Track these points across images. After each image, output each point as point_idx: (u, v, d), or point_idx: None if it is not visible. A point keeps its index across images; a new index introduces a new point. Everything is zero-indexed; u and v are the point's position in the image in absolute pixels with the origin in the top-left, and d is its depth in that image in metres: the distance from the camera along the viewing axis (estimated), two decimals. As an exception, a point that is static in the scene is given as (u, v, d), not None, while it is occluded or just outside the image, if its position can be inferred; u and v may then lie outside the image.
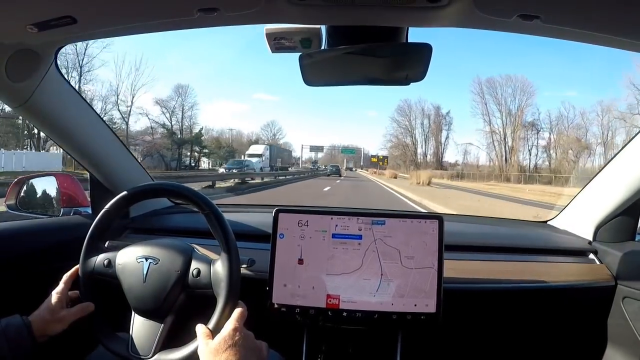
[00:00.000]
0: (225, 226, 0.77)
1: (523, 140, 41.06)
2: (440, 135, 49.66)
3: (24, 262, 0.98)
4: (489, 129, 42.69)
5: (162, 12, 0.68)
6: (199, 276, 0.77)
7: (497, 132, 42.42)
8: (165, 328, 0.78)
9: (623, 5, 0.59)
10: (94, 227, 0.84)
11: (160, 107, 36.76)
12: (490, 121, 43.05)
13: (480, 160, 45.64)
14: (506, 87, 42.91)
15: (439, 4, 0.61)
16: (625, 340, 1.02)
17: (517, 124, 41.29)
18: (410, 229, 0.88)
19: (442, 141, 49.39)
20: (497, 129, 42.57)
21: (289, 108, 76.63)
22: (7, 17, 0.68)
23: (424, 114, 50.56)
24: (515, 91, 41.93)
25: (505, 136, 41.84)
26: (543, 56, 54.46)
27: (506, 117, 41.79)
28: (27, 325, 0.73)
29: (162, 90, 67.43)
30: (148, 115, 34.29)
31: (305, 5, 0.64)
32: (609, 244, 1.13)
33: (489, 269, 1.07)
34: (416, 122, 50.66)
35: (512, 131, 41.09)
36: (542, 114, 42.16)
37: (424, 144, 50.48)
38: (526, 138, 41.08)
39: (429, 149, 50.18)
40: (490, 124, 43.04)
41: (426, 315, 0.86)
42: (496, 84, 43.16)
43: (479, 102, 43.73)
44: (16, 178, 1.29)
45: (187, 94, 38.70)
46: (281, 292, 0.88)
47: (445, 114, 49.86)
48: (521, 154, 41.38)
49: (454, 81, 67.10)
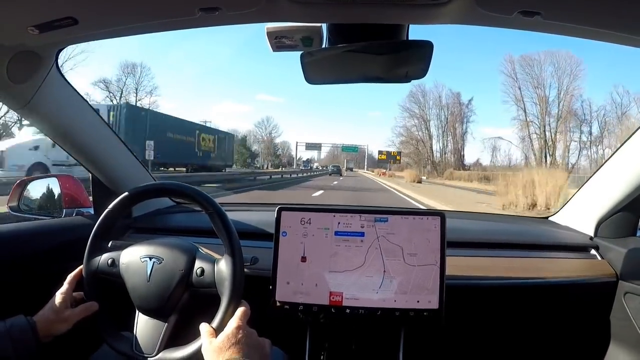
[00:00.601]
0: (229, 225, 0.77)
1: (566, 134, 32.12)
2: (461, 128, 41.42)
3: (28, 263, 0.98)
4: (524, 119, 33.83)
5: (163, 12, 0.69)
6: (202, 275, 0.78)
7: (534, 122, 33.26)
8: (169, 327, 0.78)
9: (623, 2, 0.59)
10: (97, 227, 0.84)
11: (101, 89, 28.53)
12: (526, 109, 34.24)
13: (512, 159, 37.50)
14: (546, 66, 33.76)
15: (439, 0, 0.61)
16: (628, 337, 1.03)
17: (563, 112, 31.66)
18: (413, 226, 0.89)
19: (464, 135, 41.31)
20: (535, 119, 33.41)
21: (292, 109, 76.78)
22: (8, 19, 0.68)
23: (441, 103, 41.76)
24: (559, 71, 32.63)
25: (544, 128, 32.68)
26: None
27: (544, 103, 32.62)
28: (31, 325, 0.73)
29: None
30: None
31: (306, 3, 0.64)
32: (611, 239, 1.13)
33: (490, 265, 1.07)
34: (431, 112, 41.94)
35: (555, 121, 32.55)
36: (589, 102, 32.87)
37: (442, 138, 41.68)
38: (569, 130, 32.16)
39: (447, 144, 41.37)
40: (525, 112, 34.16)
41: (429, 312, 0.87)
42: (533, 62, 34.34)
43: (511, 86, 34.80)
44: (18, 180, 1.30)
45: (142, 75, 31.55)
46: (284, 289, 0.88)
47: (467, 102, 42.18)
48: (565, 150, 32.50)
49: (478, 62, 57.01)
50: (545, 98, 33.18)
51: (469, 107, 42.08)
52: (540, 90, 33.36)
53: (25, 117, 0.95)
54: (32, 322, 0.74)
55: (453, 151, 41.58)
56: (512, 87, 35.05)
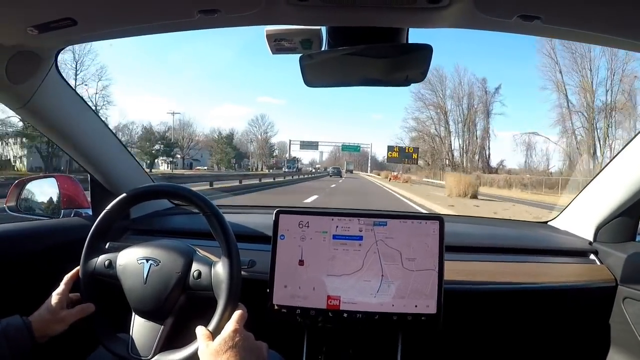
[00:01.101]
0: (226, 227, 0.77)
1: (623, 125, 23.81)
2: (486, 122, 32.43)
3: (25, 263, 0.98)
4: (566, 108, 26.07)
5: (162, 13, 0.68)
6: (199, 278, 0.77)
7: (580, 113, 25.18)
8: (166, 329, 0.78)
9: (623, 6, 0.59)
10: (94, 229, 0.84)
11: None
12: (568, 97, 26.43)
13: (551, 159, 29.19)
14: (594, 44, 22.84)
15: (439, 4, 0.61)
16: (627, 342, 1.02)
17: (617, 100, 23.85)
18: (412, 230, 0.88)
19: (489, 130, 32.58)
20: (581, 110, 25.41)
21: (294, 111, 76.88)
22: (7, 19, 0.68)
23: (462, 90, 32.91)
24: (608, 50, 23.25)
25: (595, 119, 24.74)
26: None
27: (590, 92, 24.83)
28: (27, 325, 0.73)
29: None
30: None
31: (305, 6, 0.64)
32: (610, 244, 1.13)
33: (489, 269, 1.07)
34: (451, 102, 33.05)
35: (605, 111, 24.56)
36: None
37: (463, 134, 32.57)
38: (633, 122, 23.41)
39: (471, 142, 32.23)
40: (567, 99, 26.39)
41: (427, 317, 0.86)
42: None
43: (551, 69, 27.11)
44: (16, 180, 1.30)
45: (84, 53, 23.13)
46: (282, 293, 0.88)
47: (494, 90, 33.23)
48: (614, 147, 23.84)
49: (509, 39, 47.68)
50: (593, 81, 25.45)
51: (496, 96, 33.39)
52: (585, 75, 25.68)
53: (23, 117, 0.95)
54: (27, 322, 0.74)
55: (478, 150, 32.45)
56: (551, 71, 27.36)
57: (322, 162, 57.14)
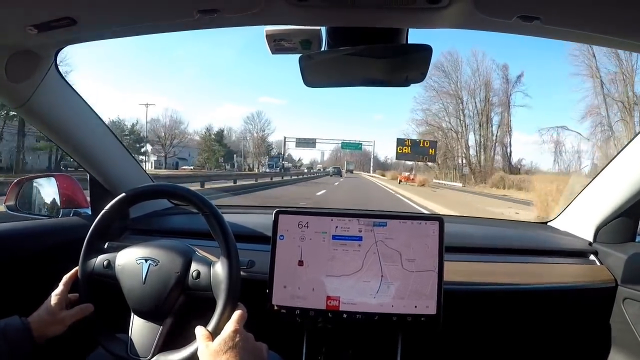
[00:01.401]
0: (225, 227, 0.77)
1: None
2: (507, 115, 27.71)
3: (23, 263, 0.97)
4: (601, 98, 21.92)
5: (161, 13, 0.68)
6: (198, 278, 0.77)
7: (621, 100, 20.92)
8: (165, 330, 0.78)
9: (623, 6, 0.59)
10: (93, 228, 0.84)
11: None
12: (603, 85, 22.34)
13: (581, 158, 24.51)
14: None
15: (439, 5, 0.61)
16: (628, 343, 1.02)
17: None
18: (412, 231, 0.88)
19: (510, 124, 27.72)
20: (621, 96, 21.08)
21: (295, 111, 76.82)
22: (7, 18, 0.68)
23: (480, 79, 28.10)
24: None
25: (632, 109, 20.60)
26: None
27: (631, 76, 20.57)
28: (26, 326, 0.73)
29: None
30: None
31: (305, 6, 0.64)
32: (610, 245, 1.13)
33: (489, 270, 1.07)
34: (466, 93, 28.27)
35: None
36: None
37: (480, 128, 27.41)
38: None
39: (490, 137, 27.10)
40: (603, 88, 22.30)
41: (426, 317, 0.86)
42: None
43: (584, 55, 23.01)
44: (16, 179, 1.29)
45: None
46: (281, 293, 0.87)
47: (515, 78, 28.61)
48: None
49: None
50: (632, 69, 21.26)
51: (518, 85, 28.44)
52: (625, 59, 21.30)
53: (23, 116, 0.95)
54: (26, 323, 0.74)
55: (500, 147, 27.59)
56: (585, 58, 23.40)
57: (323, 162, 56.73)
